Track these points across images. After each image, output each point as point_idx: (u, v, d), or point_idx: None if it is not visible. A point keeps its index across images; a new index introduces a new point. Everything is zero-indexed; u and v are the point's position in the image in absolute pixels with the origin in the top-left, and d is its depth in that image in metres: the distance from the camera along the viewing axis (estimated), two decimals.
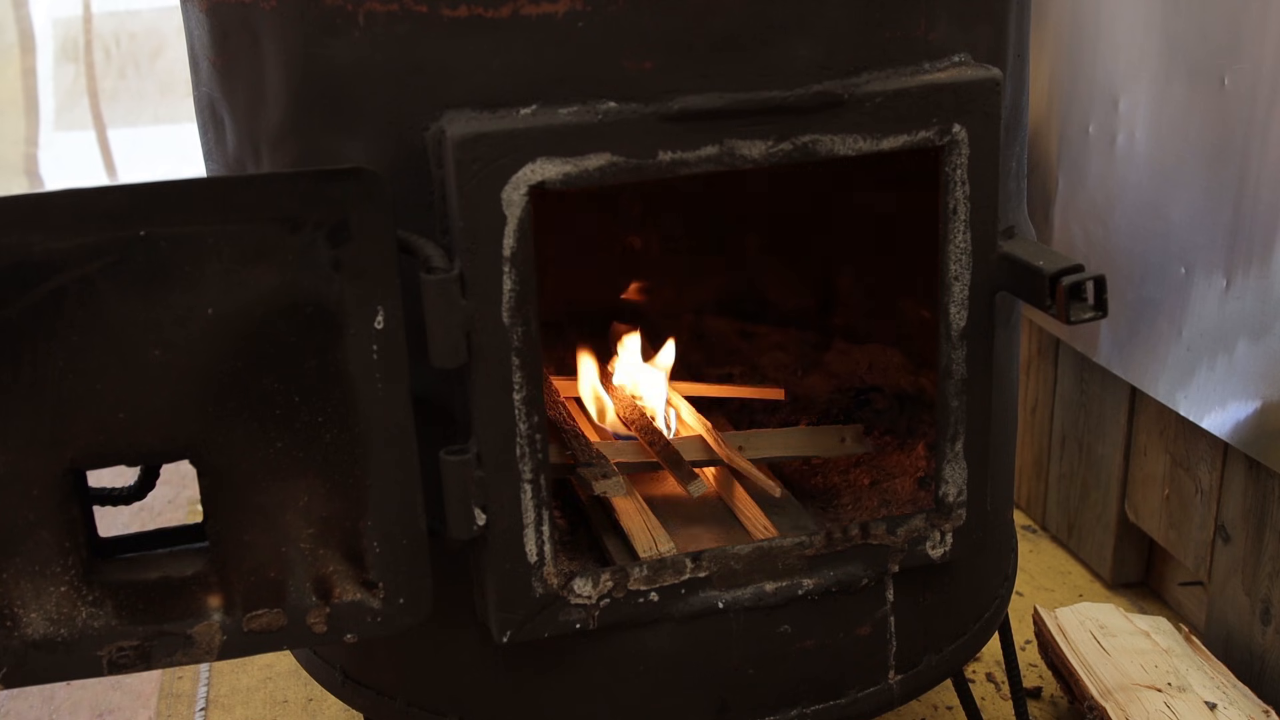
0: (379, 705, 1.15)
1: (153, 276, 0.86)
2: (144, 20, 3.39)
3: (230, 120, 1.04)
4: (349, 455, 0.92)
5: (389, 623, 0.97)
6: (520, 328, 0.93)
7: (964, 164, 0.99)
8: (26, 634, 0.91)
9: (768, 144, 0.94)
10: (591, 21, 0.90)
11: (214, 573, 0.93)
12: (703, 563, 1.05)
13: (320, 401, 0.91)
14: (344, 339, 0.90)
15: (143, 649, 0.94)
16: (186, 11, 1.08)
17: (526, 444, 0.96)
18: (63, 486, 0.89)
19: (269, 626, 0.95)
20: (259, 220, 0.87)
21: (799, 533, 1.12)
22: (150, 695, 1.48)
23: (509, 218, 0.91)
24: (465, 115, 0.91)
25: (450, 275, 0.91)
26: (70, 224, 0.84)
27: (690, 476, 1.18)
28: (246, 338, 0.88)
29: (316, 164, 0.97)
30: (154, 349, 0.87)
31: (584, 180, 0.92)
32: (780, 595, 1.07)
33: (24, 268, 0.84)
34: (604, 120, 0.91)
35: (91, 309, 0.86)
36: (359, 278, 0.89)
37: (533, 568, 1.00)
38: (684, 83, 0.92)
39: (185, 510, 1.85)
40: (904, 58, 0.97)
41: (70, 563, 0.91)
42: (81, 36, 3.34)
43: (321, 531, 0.94)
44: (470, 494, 0.96)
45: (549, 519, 0.99)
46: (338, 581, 0.95)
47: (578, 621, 1.02)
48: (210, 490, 0.92)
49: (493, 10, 0.89)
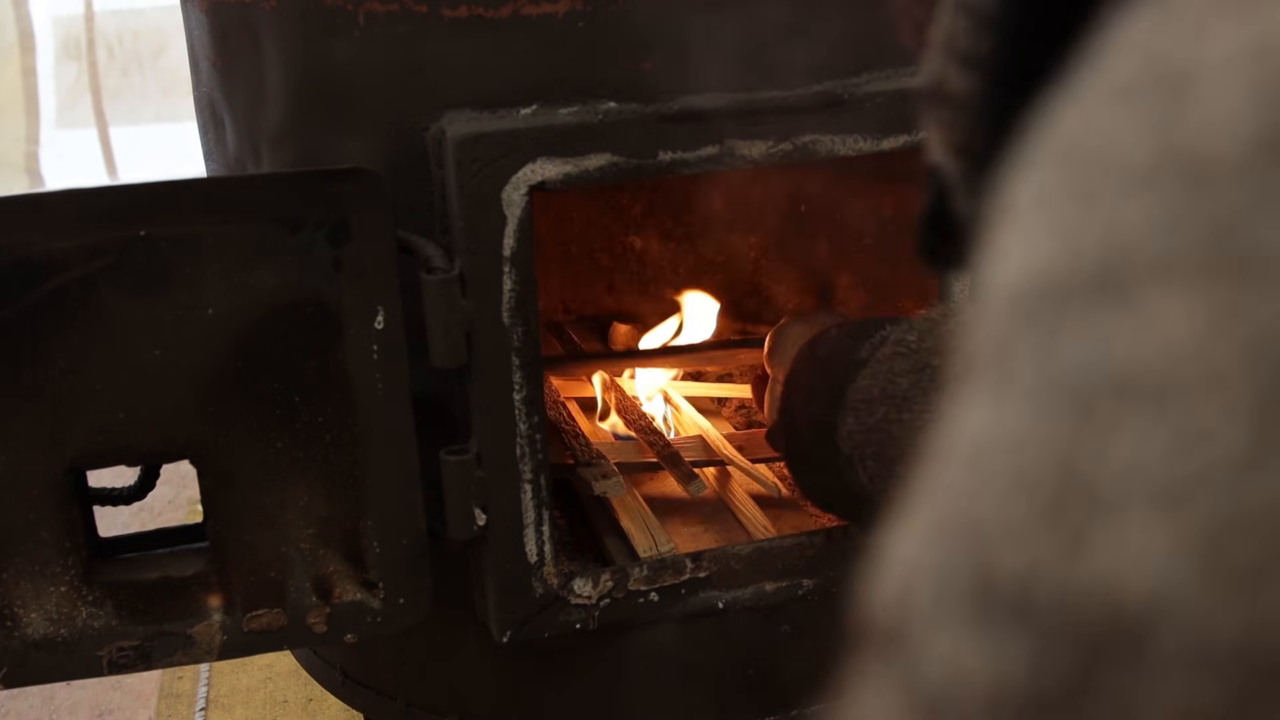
0: (379, 705, 1.15)
1: (153, 276, 0.86)
2: (147, 19, 3.39)
3: (230, 120, 1.04)
4: (349, 455, 0.92)
5: (389, 623, 0.97)
6: (520, 328, 0.93)
7: None
8: (26, 634, 0.91)
9: (768, 144, 0.94)
10: (591, 21, 0.90)
11: (214, 573, 0.93)
12: (703, 563, 1.05)
13: (320, 401, 0.91)
14: (344, 339, 0.90)
15: (143, 649, 0.94)
16: (186, 11, 1.08)
17: (526, 444, 0.96)
18: (63, 487, 0.89)
19: (269, 626, 0.95)
20: (259, 220, 0.87)
21: (799, 533, 1.12)
22: (150, 695, 1.48)
23: (509, 218, 0.91)
24: (465, 115, 0.91)
25: (450, 275, 0.91)
26: (70, 224, 0.84)
27: (690, 477, 1.18)
28: (246, 338, 0.88)
29: (316, 164, 0.97)
30: (154, 349, 0.87)
31: (584, 180, 0.92)
32: (780, 595, 1.07)
33: (24, 268, 0.84)
34: (604, 120, 0.91)
35: (92, 309, 0.86)
36: (359, 278, 0.89)
37: (533, 568, 1.00)
38: (684, 83, 0.92)
39: (185, 510, 1.85)
40: (904, 58, 0.97)
41: (70, 563, 0.91)
42: (84, 35, 3.34)
43: (321, 531, 0.94)
44: (470, 494, 0.96)
45: (549, 519, 0.99)
46: (338, 581, 0.95)
47: (578, 621, 1.02)
48: (210, 490, 0.92)
49: (493, 10, 0.89)
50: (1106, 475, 0.17)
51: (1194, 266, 0.17)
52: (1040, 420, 0.18)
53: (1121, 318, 0.18)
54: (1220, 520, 0.16)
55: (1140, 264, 0.18)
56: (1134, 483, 0.17)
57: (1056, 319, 0.19)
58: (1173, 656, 0.16)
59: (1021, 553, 0.18)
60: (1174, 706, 0.16)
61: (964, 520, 0.19)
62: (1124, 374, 0.17)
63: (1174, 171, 0.18)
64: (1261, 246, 0.17)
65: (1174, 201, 0.18)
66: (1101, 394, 0.17)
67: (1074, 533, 0.17)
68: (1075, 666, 0.17)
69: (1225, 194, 0.17)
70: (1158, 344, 0.17)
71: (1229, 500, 0.16)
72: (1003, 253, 0.20)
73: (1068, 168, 0.20)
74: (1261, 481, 0.16)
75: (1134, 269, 0.18)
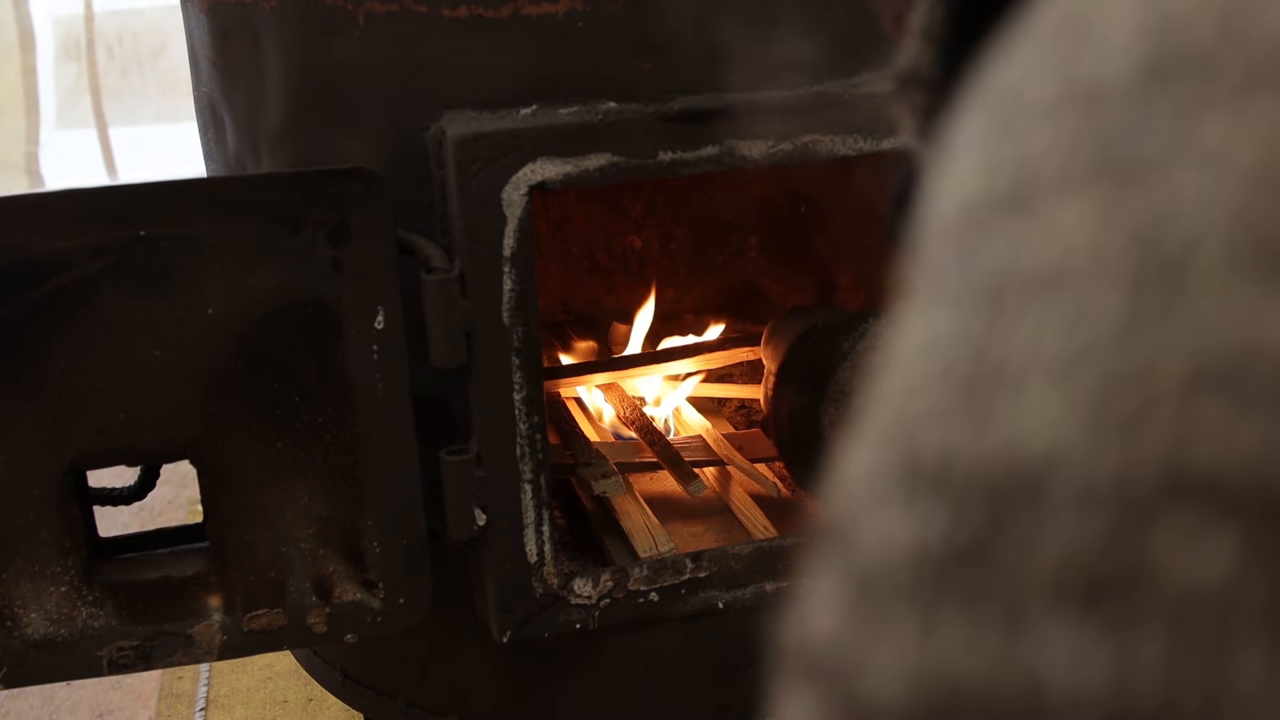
0: (379, 705, 1.15)
1: (153, 276, 0.86)
2: (147, 19, 3.39)
3: (230, 120, 1.04)
4: (349, 455, 0.92)
5: (389, 623, 0.97)
6: (520, 328, 0.93)
7: None
8: (27, 634, 0.91)
9: (768, 144, 0.94)
10: (591, 21, 0.90)
11: (214, 573, 0.93)
12: (703, 563, 1.05)
13: (320, 401, 0.91)
14: (344, 339, 0.90)
15: (143, 649, 0.94)
16: (187, 11, 1.08)
17: (526, 444, 0.96)
18: (63, 487, 0.89)
19: (269, 626, 0.95)
20: (259, 220, 0.87)
21: (799, 533, 1.12)
22: (150, 695, 1.48)
23: (509, 218, 0.91)
24: (465, 115, 0.91)
25: (450, 275, 0.91)
26: (70, 224, 0.84)
27: (690, 476, 1.18)
28: (246, 338, 0.88)
29: (316, 164, 0.97)
30: (154, 349, 0.87)
31: (584, 180, 0.91)
32: (780, 595, 1.06)
33: (24, 268, 0.84)
34: (604, 120, 0.91)
35: (92, 309, 0.85)
36: (359, 278, 0.89)
37: (533, 568, 1.00)
38: (684, 83, 0.92)
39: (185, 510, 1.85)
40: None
41: (70, 563, 0.91)
42: (84, 35, 3.34)
43: (321, 531, 0.94)
44: (470, 494, 0.96)
45: (549, 519, 0.99)
46: (338, 581, 0.95)
47: (578, 621, 1.02)
48: (210, 490, 0.92)
49: (493, 10, 0.89)
50: (1010, 357, 0.20)
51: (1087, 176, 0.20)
52: (960, 322, 0.21)
53: (1027, 225, 0.21)
54: (1101, 381, 0.19)
55: (1043, 180, 0.21)
56: (1033, 360, 0.19)
57: (976, 236, 0.21)
58: (1063, 498, 0.19)
59: (942, 434, 0.20)
60: (1064, 538, 0.18)
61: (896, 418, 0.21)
62: (1028, 271, 0.20)
63: (1073, 101, 0.21)
64: (1141, 154, 0.20)
65: (1072, 126, 0.21)
66: (1010, 290, 0.20)
67: (984, 409, 0.20)
68: (984, 520, 0.19)
69: (1113, 114, 0.20)
70: (1056, 243, 0.20)
71: (1108, 364, 0.19)
72: (937, 188, 0.23)
73: (993, 107, 0.23)
74: (1135, 345, 0.19)
75: (1037, 185, 0.21)
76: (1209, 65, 0.20)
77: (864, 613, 0.21)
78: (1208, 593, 0.17)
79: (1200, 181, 0.19)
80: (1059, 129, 0.21)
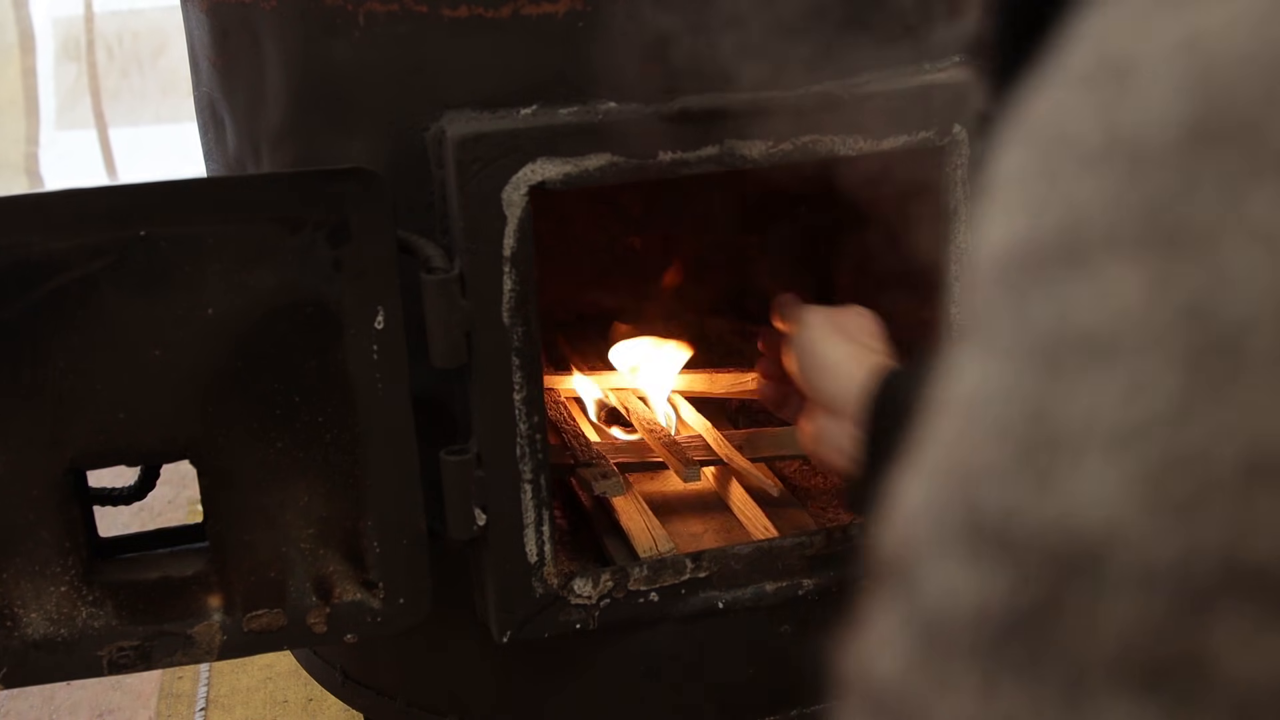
0: (379, 705, 1.15)
1: (153, 277, 0.86)
2: (147, 19, 3.39)
3: (230, 120, 1.04)
4: (349, 455, 0.92)
5: (389, 623, 0.97)
6: (520, 328, 0.93)
7: (964, 164, 0.99)
8: (26, 634, 0.91)
9: (768, 144, 0.94)
10: (591, 21, 0.90)
11: (214, 573, 0.93)
12: (703, 563, 1.05)
13: (320, 401, 0.91)
14: (344, 339, 0.90)
15: (143, 649, 0.94)
16: (187, 11, 1.08)
17: (526, 444, 0.96)
18: (63, 487, 0.89)
19: (269, 626, 0.95)
20: (259, 220, 0.87)
21: (799, 533, 1.12)
22: (150, 695, 1.48)
23: (509, 218, 0.91)
24: (465, 115, 0.91)
25: (450, 275, 0.91)
26: (70, 224, 0.84)
27: (688, 463, 1.18)
28: (246, 338, 0.88)
29: (316, 164, 0.97)
30: (154, 349, 0.87)
31: (584, 180, 0.92)
32: (780, 595, 1.07)
33: (24, 268, 0.84)
34: (604, 120, 0.91)
35: (92, 309, 0.86)
36: (359, 278, 0.89)
37: (533, 568, 1.00)
38: (684, 83, 0.92)
39: (185, 510, 1.85)
40: (904, 58, 0.97)
41: (70, 563, 0.91)
42: (83, 35, 3.34)
43: (321, 531, 0.94)
44: (470, 494, 0.96)
45: (549, 519, 0.99)
46: (338, 581, 0.95)
47: (578, 622, 1.02)
48: (210, 490, 0.92)
49: (493, 10, 0.89)
50: (1068, 423, 0.20)
51: (1136, 240, 0.20)
52: (1016, 376, 0.21)
53: (1080, 284, 0.20)
54: (1159, 461, 0.19)
55: (1092, 237, 0.21)
56: (1090, 429, 0.19)
57: (1027, 285, 0.21)
58: (1123, 576, 0.19)
59: (1002, 493, 0.20)
60: (1125, 618, 0.19)
61: (955, 466, 0.22)
62: (1083, 334, 0.20)
63: (1117, 154, 0.21)
64: (1187, 225, 0.19)
65: (1117, 181, 0.21)
66: (1065, 351, 0.20)
67: (1043, 473, 0.20)
68: (1045, 587, 0.19)
69: (1158, 176, 0.20)
70: (1110, 308, 0.20)
71: (1166, 444, 0.19)
72: (986, 225, 0.23)
73: (1035, 147, 0.23)
74: (1192, 427, 0.18)
75: (1087, 241, 0.21)
76: (1255, 130, 0.19)
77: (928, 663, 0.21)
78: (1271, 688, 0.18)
79: (1248, 259, 0.19)
80: (1104, 185, 0.21)
